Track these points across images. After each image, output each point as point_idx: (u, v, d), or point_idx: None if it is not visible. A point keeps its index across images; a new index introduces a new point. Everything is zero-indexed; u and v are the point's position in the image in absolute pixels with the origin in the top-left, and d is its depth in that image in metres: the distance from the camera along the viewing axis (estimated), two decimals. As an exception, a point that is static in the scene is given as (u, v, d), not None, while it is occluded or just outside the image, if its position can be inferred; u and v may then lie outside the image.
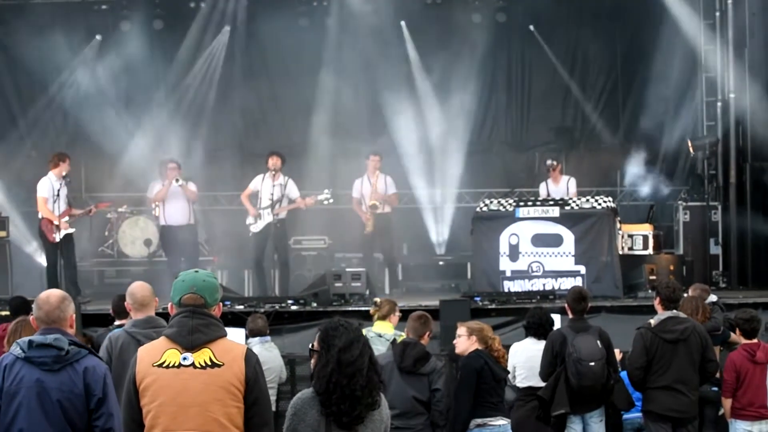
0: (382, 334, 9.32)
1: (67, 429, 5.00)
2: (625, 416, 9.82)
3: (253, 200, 14.96)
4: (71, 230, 14.02)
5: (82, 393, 5.01)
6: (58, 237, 13.75)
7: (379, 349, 8.56)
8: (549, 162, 15.61)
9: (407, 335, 8.17)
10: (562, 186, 15.33)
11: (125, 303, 7.16)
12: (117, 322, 8.50)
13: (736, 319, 9.27)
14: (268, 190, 14.68)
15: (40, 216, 13.93)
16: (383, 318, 9.53)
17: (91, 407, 5.03)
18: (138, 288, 7.05)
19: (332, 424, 4.63)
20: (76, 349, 5.09)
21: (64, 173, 13.88)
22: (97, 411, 5.02)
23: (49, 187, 13.79)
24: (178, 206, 14.99)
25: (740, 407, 8.78)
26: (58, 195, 13.81)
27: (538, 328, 9.21)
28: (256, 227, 14.80)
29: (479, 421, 8.13)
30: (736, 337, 9.32)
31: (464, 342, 8.37)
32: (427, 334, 8.16)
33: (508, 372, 8.76)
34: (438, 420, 7.84)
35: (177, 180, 14.83)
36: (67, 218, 13.95)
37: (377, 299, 9.97)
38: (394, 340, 9.10)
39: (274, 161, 14.67)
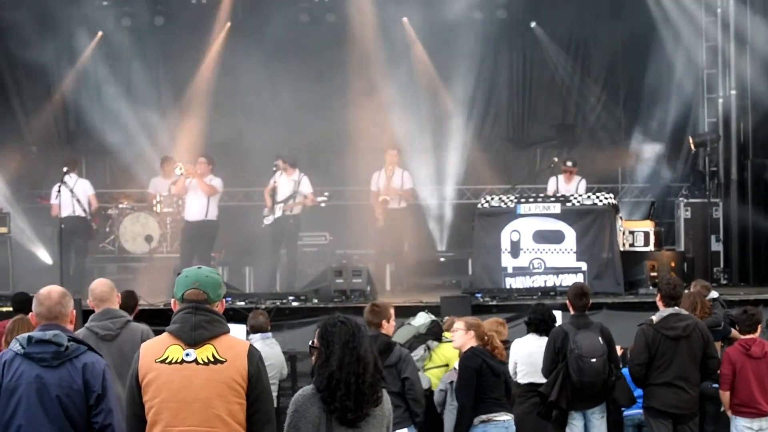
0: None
1: (67, 425, 5.00)
2: (626, 412, 9.80)
3: (273, 195, 15.15)
4: None
5: (81, 389, 5.01)
6: None
7: None
8: (569, 163, 15.43)
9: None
10: (572, 186, 15.15)
11: (87, 300, 7.33)
12: None
13: (735, 316, 9.27)
14: (284, 186, 14.98)
15: (91, 214, 15.10)
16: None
17: (90, 403, 5.03)
18: (97, 285, 7.27)
19: (334, 421, 4.61)
20: (75, 345, 5.09)
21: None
22: (96, 407, 5.03)
23: None
24: (195, 202, 15.02)
25: (740, 404, 8.78)
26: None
27: (540, 324, 9.20)
28: (267, 220, 15.07)
29: (483, 417, 8.13)
30: (737, 333, 9.32)
31: (462, 336, 8.37)
32: (386, 320, 8.01)
33: (505, 363, 8.72)
34: (415, 408, 7.83)
35: (179, 168, 14.89)
36: None
37: (447, 318, 10.01)
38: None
39: (280, 163, 15.01)
